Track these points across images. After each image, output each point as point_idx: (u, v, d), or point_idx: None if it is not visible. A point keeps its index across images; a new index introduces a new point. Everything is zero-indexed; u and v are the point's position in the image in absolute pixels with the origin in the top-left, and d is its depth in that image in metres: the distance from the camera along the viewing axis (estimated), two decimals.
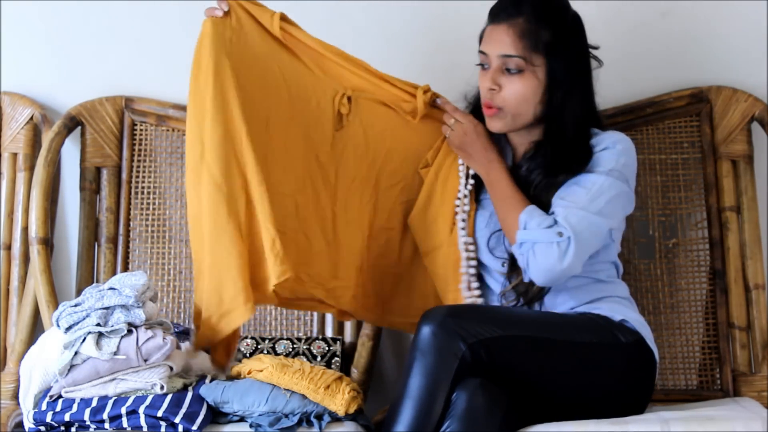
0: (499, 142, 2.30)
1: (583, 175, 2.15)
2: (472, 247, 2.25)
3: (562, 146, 2.18)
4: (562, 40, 2.18)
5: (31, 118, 2.66)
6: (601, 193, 2.13)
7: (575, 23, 2.22)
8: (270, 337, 2.52)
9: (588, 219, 2.10)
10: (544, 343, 2.03)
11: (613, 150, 2.17)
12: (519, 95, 2.18)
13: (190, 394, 2.06)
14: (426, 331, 1.96)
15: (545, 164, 2.18)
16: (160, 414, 2.01)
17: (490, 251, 2.24)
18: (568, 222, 2.08)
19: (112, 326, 2.07)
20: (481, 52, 2.23)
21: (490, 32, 2.21)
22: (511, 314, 2.10)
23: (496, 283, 2.25)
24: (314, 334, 2.57)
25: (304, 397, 2.06)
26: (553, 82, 2.18)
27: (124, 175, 2.64)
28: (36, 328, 2.57)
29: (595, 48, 2.25)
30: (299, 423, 2.04)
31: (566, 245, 2.06)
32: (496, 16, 2.21)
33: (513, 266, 2.19)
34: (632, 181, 2.21)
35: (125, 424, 2.02)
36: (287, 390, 2.07)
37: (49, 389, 2.10)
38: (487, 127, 2.25)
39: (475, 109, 2.31)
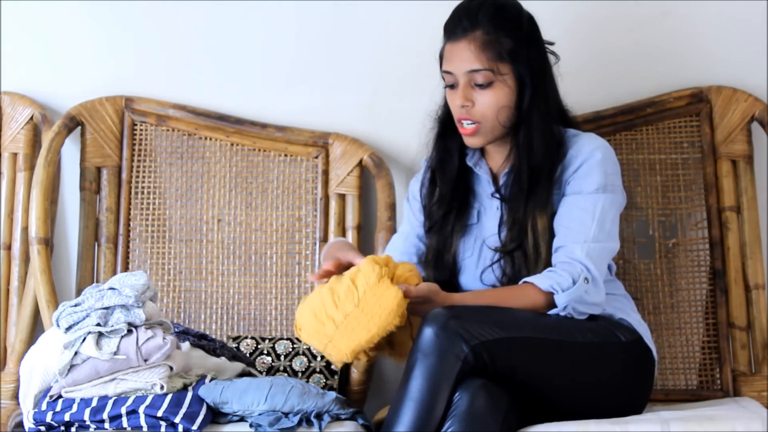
0: (473, 158, 2.28)
1: (581, 197, 2.15)
2: None
3: (533, 149, 2.17)
4: (523, 44, 2.17)
5: (31, 118, 2.66)
6: (604, 215, 2.14)
7: (531, 24, 2.21)
8: (270, 337, 2.52)
9: (606, 249, 2.14)
10: (546, 344, 2.03)
11: (594, 162, 2.16)
12: (494, 106, 2.16)
13: (190, 394, 2.06)
14: (428, 332, 1.96)
15: (522, 176, 2.18)
16: (160, 414, 2.01)
17: (483, 283, 2.24)
18: (592, 260, 2.09)
19: (112, 326, 2.07)
20: (445, 72, 2.20)
21: (451, 50, 2.19)
22: (513, 315, 2.10)
23: None
24: None
25: (302, 393, 2.06)
26: (522, 87, 2.18)
27: (124, 175, 2.64)
28: (36, 328, 2.57)
29: (551, 44, 2.24)
30: (299, 423, 2.04)
31: (594, 281, 2.09)
32: (452, 33, 2.19)
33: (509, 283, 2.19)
34: (619, 180, 2.21)
35: (125, 424, 2.02)
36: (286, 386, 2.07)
37: (49, 389, 2.11)
38: (466, 144, 2.23)
39: (446, 127, 2.28)
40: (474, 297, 2.12)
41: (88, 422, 2.03)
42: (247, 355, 2.46)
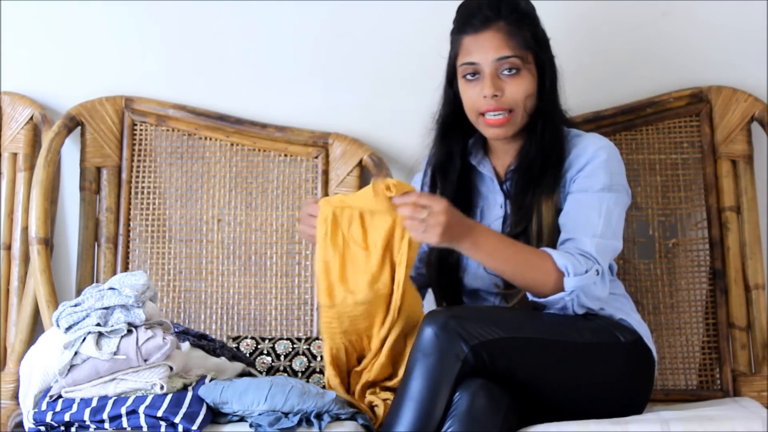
0: (476, 156, 2.30)
1: (586, 195, 2.16)
2: None
3: (547, 138, 2.20)
4: (539, 36, 2.23)
5: (31, 118, 2.66)
6: (610, 213, 2.15)
7: (540, 22, 2.26)
8: (270, 337, 2.52)
9: (611, 246, 2.15)
10: (546, 344, 2.03)
11: (599, 161, 2.18)
12: (522, 94, 2.19)
13: (190, 394, 2.06)
14: (428, 332, 1.96)
15: (534, 163, 2.20)
16: (160, 414, 2.01)
17: (486, 273, 2.23)
18: (600, 255, 2.10)
19: (112, 326, 2.07)
20: (467, 63, 2.21)
21: (474, 41, 2.20)
22: (513, 316, 2.10)
23: (493, 297, 2.25)
24: (314, 334, 2.57)
25: (302, 393, 2.06)
26: (542, 76, 2.22)
27: (124, 175, 2.64)
28: (36, 328, 2.57)
29: None
30: (299, 423, 2.04)
31: (602, 276, 2.10)
32: (470, 25, 2.21)
33: (509, 286, 2.19)
34: (624, 179, 2.22)
35: (125, 424, 2.02)
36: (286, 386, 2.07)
37: (49, 389, 2.10)
38: (491, 136, 2.24)
39: (447, 129, 2.30)
40: (496, 237, 2.09)
41: (88, 422, 2.03)
42: (247, 355, 2.46)
